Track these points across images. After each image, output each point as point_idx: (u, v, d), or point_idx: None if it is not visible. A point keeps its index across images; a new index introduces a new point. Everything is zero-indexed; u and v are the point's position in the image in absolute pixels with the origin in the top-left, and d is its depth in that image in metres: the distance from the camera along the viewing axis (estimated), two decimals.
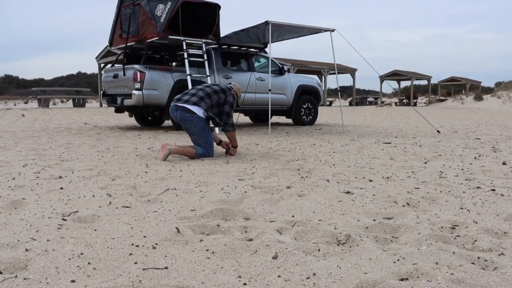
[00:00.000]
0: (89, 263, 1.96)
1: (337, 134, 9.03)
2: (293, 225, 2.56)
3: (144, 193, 3.38)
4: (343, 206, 3.00)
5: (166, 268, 1.92)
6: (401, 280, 1.81)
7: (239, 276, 1.85)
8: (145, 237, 2.32)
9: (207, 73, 9.31)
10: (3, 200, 3.07)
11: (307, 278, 1.83)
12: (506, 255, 2.09)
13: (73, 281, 1.78)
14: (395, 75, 40.14)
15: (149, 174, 4.20)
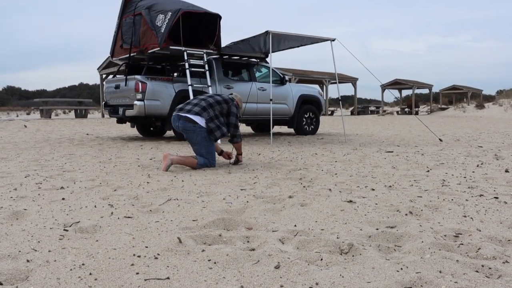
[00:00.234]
0: (91, 274, 1.95)
1: (339, 144, 9.02)
2: (296, 235, 2.55)
3: (146, 204, 3.37)
4: (346, 215, 2.99)
5: (168, 279, 1.91)
6: None
7: (241, 286, 1.84)
8: (147, 248, 2.31)
9: (209, 83, 9.33)
10: (5, 211, 3.07)
11: None
12: (511, 263, 2.08)
13: None
14: (397, 84, 40.20)
15: (151, 185, 4.19)
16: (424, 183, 4.22)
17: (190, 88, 9.00)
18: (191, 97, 8.74)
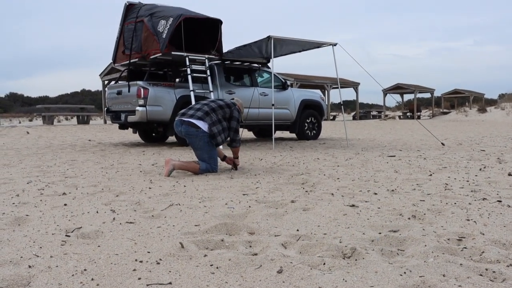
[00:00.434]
0: (93, 279, 1.95)
1: (341, 148, 9.01)
2: (298, 239, 2.54)
3: (148, 209, 3.37)
4: (348, 220, 2.98)
5: (170, 284, 1.90)
6: None
7: None
8: (149, 253, 2.30)
9: (210, 89, 9.34)
10: (7, 217, 3.07)
11: None
12: None
13: None
14: (398, 89, 40.20)
15: (153, 190, 4.19)
16: (427, 187, 4.21)
17: (192, 94, 9.01)
18: (193, 103, 8.75)
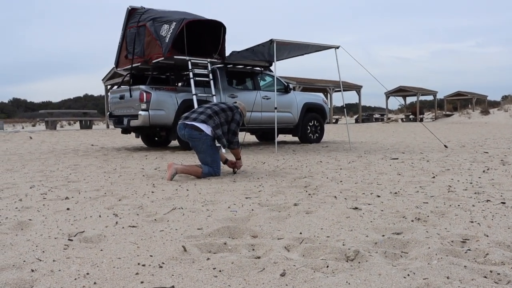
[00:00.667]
0: (95, 283, 1.94)
1: (344, 151, 9.00)
2: (301, 242, 2.53)
3: (151, 213, 3.36)
4: (351, 222, 2.97)
5: (173, 287, 1.90)
6: None
7: None
8: (152, 256, 2.30)
9: (213, 93, 9.34)
10: (10, 221, 3.07)
11: None
12: None
13: None
14: (401, 91, 40.16)
15: (156, 194, 4.18)
16: (430, 189, 4.19)
17: (195, 98, 9.01)
18: (196, 107, 8.75)
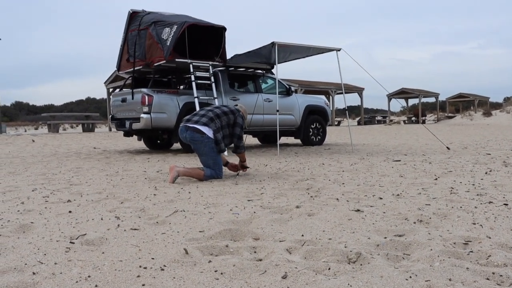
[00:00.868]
0: (97, 286, 1.94)
1: (346, 153, 8.99)
2: (303, 244, 2.53)
3: (153, 216, 3.36)
4: (353, 224, 2.97)
5: None
6: None
7: None
8: (153, 259, 2.29)
9: (215, 95, 9.35)
10: (12, 224, 3.07)
11: None
12: None
13: None
14: (403, 93, 40.16)
15: (158, 197, 4.18)
16: (432, 191, 4.18)
17: (196, 100, 9.02)
18: (197, 110, 8.75)
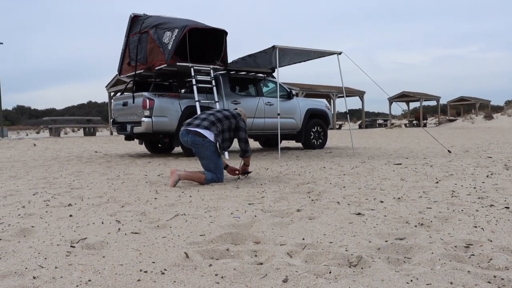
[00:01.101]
0: None
1: (347, 157, 8.98)
2: (304, 248, 2.52)
3: (154, 219, 3.36)
4: (354, 228, 2.96)
5: None
6: None
7: None
8: (154, 263, 2.29)
9: (216, 99, 9.36)
10: (13, 228, 3.07)
11: None
12: None
13: None
14: (404, 97, 40.17)
15: (159, 200, 4.18)
16: (433, 195, 4.18)
17: (198, 104, 9.03)
18: (198, 113, 8.76)
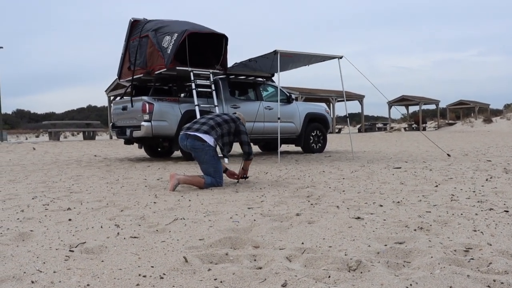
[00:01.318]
0: None
1: (347, 161, 8.98)
2: (303, 252, 2.52)
3: (153, 224, 3.35)
4: (354, 232, 2.96)
5: None
6: None
7: None
8: (153, 267, 2.29)
9: (215, 103, 9.36)
10: (11, 232, 3.06)
11: None
12: None
13: None
14: (403, 101, 40.19)
15: (158, 205, 4.18)
16: (433, 198, 4.18)
17: (197, 108, 9.03)
18: (198, 117, 8.75)
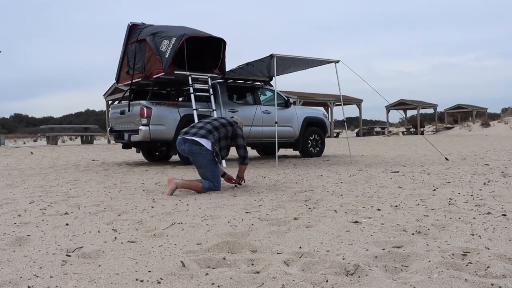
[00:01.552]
0: None
1: (345, 165, 8.98)
2: (301, 257, 2.51)
3: (150, 228, 3.35)
4: (351, 236, 2.95)
5: None
6: None
7: None
8: (150, 272, 2.28)
9: (213, 108, 9.36)
10: (8, 237, 3.05)
11: None
12: None
13: None
14: (401, 105, 40.26)
15: (156, 209, 4.17)
16: (431, 202, 4.18)
17: (195, 113, 9.03)
18: (195, 122, 8.75)
